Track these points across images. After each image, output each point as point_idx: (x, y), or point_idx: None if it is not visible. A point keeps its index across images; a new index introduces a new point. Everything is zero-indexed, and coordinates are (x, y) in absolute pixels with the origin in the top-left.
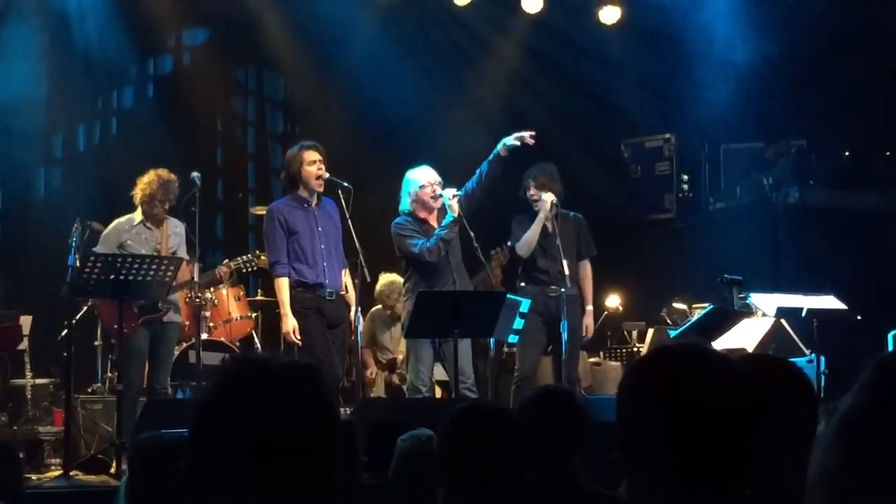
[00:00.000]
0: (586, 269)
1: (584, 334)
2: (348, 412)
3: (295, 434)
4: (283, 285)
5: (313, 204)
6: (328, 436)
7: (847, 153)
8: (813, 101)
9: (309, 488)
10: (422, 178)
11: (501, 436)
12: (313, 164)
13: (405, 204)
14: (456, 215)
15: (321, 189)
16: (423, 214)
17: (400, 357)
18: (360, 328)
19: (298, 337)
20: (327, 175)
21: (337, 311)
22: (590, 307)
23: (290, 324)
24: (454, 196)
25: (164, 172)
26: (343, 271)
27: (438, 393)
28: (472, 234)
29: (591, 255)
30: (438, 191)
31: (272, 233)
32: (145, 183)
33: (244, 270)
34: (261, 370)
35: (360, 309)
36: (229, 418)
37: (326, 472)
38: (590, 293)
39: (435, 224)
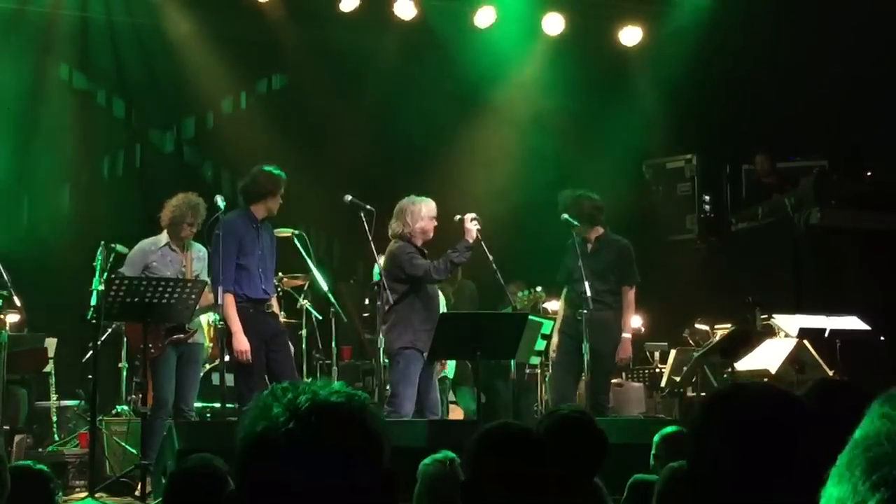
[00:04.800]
0: (627, 296)
1: (618, 361)
2: None
3: (341, 463)
4: (231, 302)
5: (260, 222)
6: (375, 466)
7: (868, 173)
8: (834, 122)
9: None
10: (431, 210)
11: (530, 456)
12: (281, 197)
13: (407, 228)
14: (472, 240)
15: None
16: (419, 243)
17: None
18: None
19: (248, 358)
20: None
21: (276, 323)
22: (626, 335)
23: (244, 344)
24: (473, 219)
25: (192, 196)
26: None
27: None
28: (490, 256)
29: (633, 282)
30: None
31: (227, 248)
32: (174, 205)
33: None
34: (312, 400)
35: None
36: (279, 447)
37: (372, 501)
38: (628, 321)
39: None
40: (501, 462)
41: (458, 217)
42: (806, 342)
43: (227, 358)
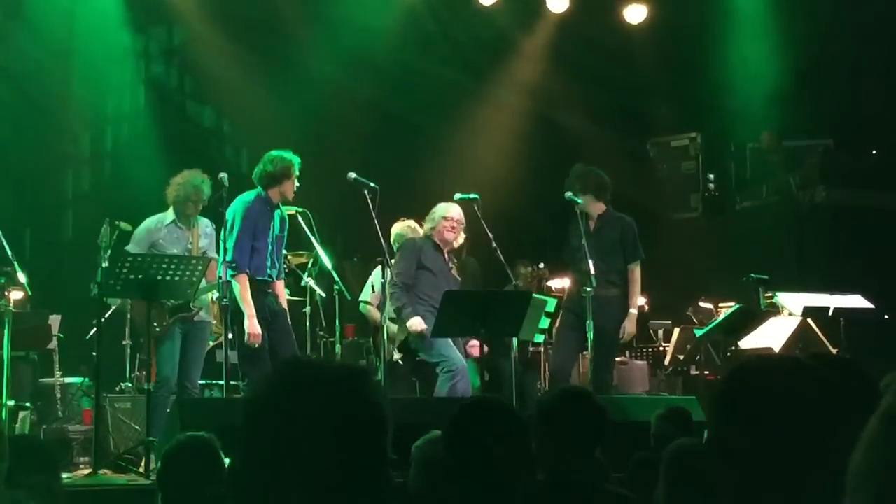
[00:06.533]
0: (633, 272)
1: (621, 336)
2: None
3: (344, 437)
4: (245, 285)
5: (275, 204)
6: (378, 439)
7: (874, 152)
8: (840, 100)
9: (356, 490)
10: (448, 212)
11: (504, 430)
12: (296, 179)
13: (428, 227)
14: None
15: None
16: (439, 242)
17: None
18: (387, 327)
19: (260, 342)
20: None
21: (277, 303)
22: (633, 311)
23: (257, 328)
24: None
25: (196, 173)
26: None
27: None
28: (490, 234)
29: (638, 259)
30: (460, 232)
31: (240, 228)
32: (178, 184)
33: None
34: (313, 373)
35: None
36: (280, 420)
37: (375, 474)
38: (634, 297)
39: (445, 256)
40: (476, 438)
41: (458, 196)
42: (810, 320)
43: (230, 335)
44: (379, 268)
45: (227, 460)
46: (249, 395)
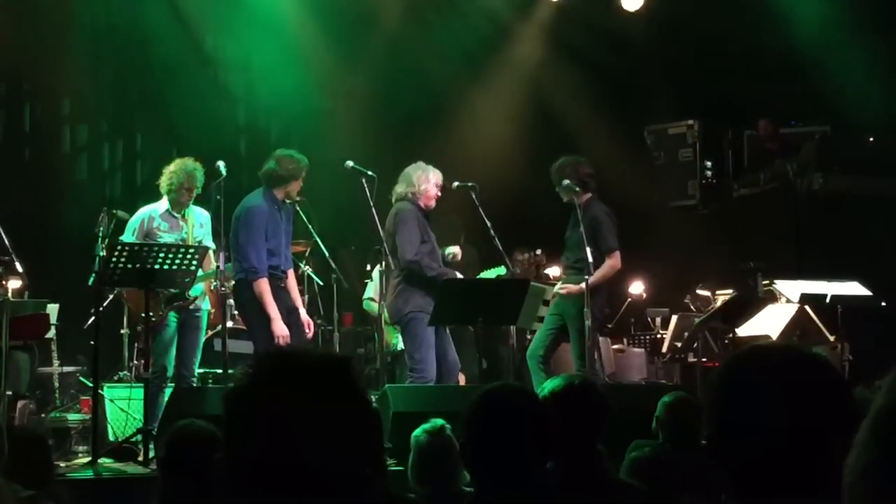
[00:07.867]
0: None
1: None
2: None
3: (328, 428)
4: (267, 289)
5: (282, 202)
6: (361, 429)
7: (871, 139)
8: (837, 86)
9: (342, 483)
10: (438, 178)
11: (531, 418)
12: (301, 181)
13: (412, 189)
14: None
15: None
16: (424, 206)
17: None
18: (385, 314)
19: (287, 342)
20: None
21: (290, 299)
22: (582, 285)
23: (283, 329)
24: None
25: (189, 161)
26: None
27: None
28: (488, 222)
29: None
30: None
31: (255, 233)
32: (171, 171)
33: None
34: (295, 363)
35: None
36: (263, 411)
37: (360, 466)
38: (597, 277)
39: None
40: (502, 422)
41: (456, 184)
42: (807, 308)
43: (229, 324)
44: (379, 265)
45: None
46: (232, 387)
